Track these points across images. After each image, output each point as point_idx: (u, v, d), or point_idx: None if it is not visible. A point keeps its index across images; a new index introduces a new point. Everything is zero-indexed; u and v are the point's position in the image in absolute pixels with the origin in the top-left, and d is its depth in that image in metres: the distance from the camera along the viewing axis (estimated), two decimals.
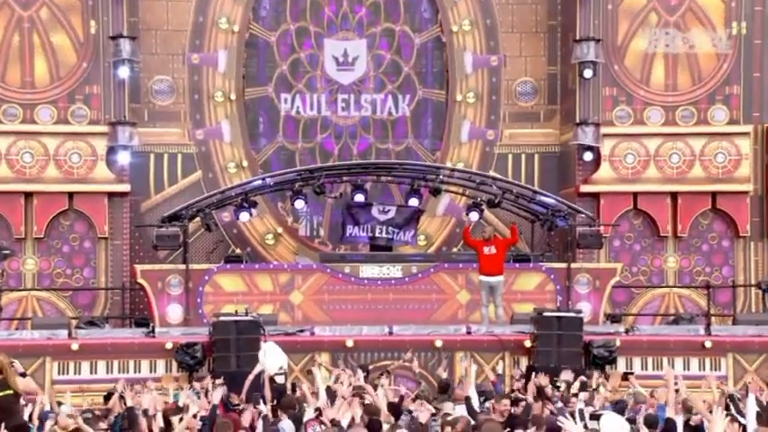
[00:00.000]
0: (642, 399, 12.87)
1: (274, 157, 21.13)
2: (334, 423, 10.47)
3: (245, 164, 20.90)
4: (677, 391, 11.40)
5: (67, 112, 19.67)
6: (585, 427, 10.50)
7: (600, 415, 10.56)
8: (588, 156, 20.08)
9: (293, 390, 13.42)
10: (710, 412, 7.88)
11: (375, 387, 12.25)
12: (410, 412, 11.50)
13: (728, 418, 8.75)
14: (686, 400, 10.95)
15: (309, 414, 11.06)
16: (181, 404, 11.21)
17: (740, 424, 9.63)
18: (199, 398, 12.58)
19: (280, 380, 13.46)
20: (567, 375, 14.09)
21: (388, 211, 19.54)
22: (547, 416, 10.45)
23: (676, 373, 12.87)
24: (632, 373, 15.64)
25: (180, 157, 20.82)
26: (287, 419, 11.05)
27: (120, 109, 19.61)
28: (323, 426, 10.28)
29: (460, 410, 11.71)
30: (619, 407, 12.78)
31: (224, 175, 20.83)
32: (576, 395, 12.73)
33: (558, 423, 8.84)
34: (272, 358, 14.18)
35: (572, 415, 11.03)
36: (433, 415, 10.92)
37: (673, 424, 10.34)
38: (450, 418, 9.88)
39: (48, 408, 12.23)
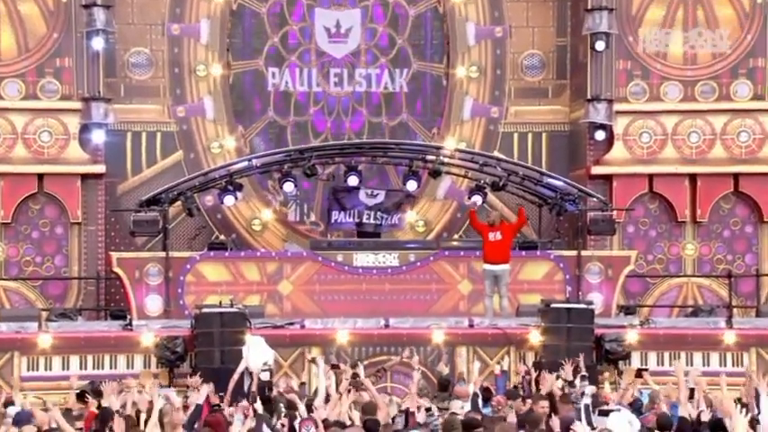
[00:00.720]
0: (658, 398, 12.79)
1: (262, 136, 21.09)
2: (327, 424, 10.43)
3: (229, 144, 20.79)
4: (692, 389, 11.32)
5: (36, 87, 19.55)
6: (590, 424, 10.38)
7: (609, 411, 10.45)
8: (600, 135, 20.04)
9: (270, 387, 13.34)
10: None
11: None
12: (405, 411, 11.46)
13: (747, 417, 8.68)
14: (709, 398, 10.88)
15: (302, 412, 11.11)
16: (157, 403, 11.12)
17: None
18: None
19: (264, 376, 13.44)
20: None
21: (377, 195, 19.52)
22: (563, 416, 10.39)
23: (691, 369, 12.74)
24: (647, 370, 15.57)
25: (159, 136, 20.68)
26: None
27: (93, 83, 19.49)
28: (317, 426, 10.31)
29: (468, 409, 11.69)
30: (634, 407, 12.69)
31: (207, 156, 20.73)
32: (571, 383, 12.67)
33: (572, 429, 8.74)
34: (256, 353, 14.13)
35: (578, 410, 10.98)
36: (427, 410, 10.83)
37: (687, 424, 10.27)
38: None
39: (21, 408, 12.14)
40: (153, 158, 20.68)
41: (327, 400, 11.64)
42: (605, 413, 10.76)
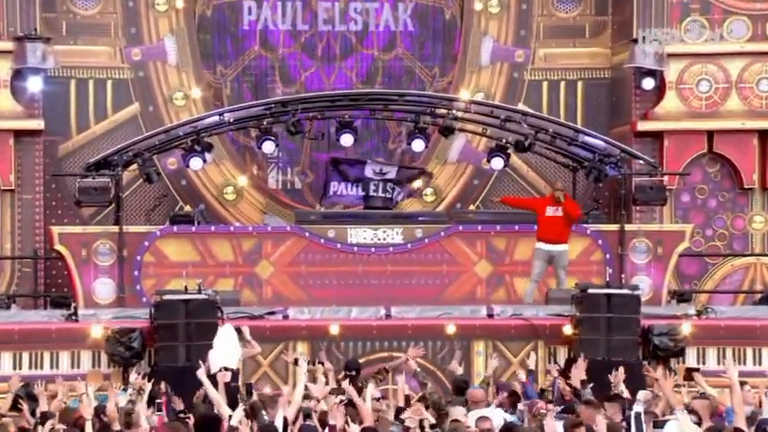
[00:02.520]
0: (714, 403, 12.81)
1: (237, 86, 21.12)
2: None
3: (196, 94, 20.74)
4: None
5: None
6: None
7: (665, 421, 10.44)
8: (649, 83, 19.98)
9: (249, 393, 13.36)
10: None
11: (360, 390, 12.27)
12: (401, 422, 11.61)
13: None
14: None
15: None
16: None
17: None
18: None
19: (222, 378, 13.39)
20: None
21: (387, 172, 19.61)
22: (611, 425, 10.45)
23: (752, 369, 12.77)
24: (698, 370, 15.55)
25: (110, 85, 20.70)
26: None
27: (28, 20, 19.45)
28: None
29: (474, 418, 11.78)
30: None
31: (169, 109, 20.77)
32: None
33: None
34: (220, 349, 14.12)
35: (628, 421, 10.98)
36: (432, 427, 10.91)
37: None
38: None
39: None
40: (102, 112, 20.66)
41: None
42: (660, 424, 10.75)
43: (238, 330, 15.25)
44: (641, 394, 12.11)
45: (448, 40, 21.36)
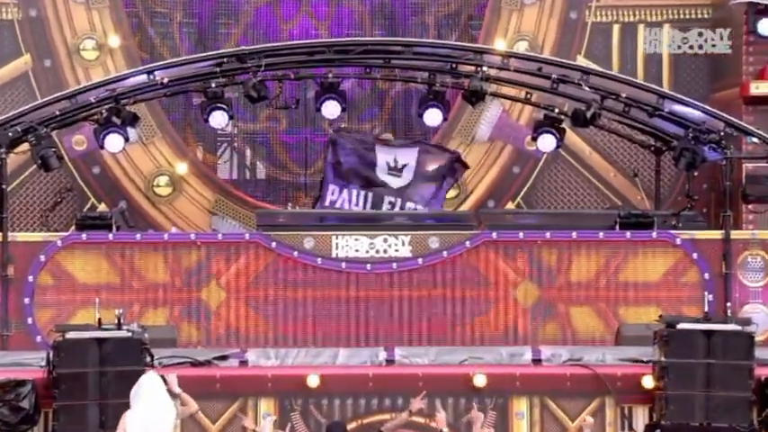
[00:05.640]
0: None
1: (175, 33, 21.53)
2: None
3: (114, 42, 20.91)
4: None
5: None
6: None
7: None
8: (766, 26, 20.15)
9: None
10: None
11: None
12: None
13: None
14: None
15: None
16: None
17: None
18: None
19: None
20: None
21: (403, 167, 19.92)
22: None
23: None
24: None
25: None
26: None
27: None
28: None
29: None
30: None
31: (74, 65, 21.05)
32: None
33: None
34: (146, 408, 13.84)
35: None
36: None
37: None
38: None
39: None
40: None
41: None
42: None
43: (162, 380, 15.11)
44: None
45: None
